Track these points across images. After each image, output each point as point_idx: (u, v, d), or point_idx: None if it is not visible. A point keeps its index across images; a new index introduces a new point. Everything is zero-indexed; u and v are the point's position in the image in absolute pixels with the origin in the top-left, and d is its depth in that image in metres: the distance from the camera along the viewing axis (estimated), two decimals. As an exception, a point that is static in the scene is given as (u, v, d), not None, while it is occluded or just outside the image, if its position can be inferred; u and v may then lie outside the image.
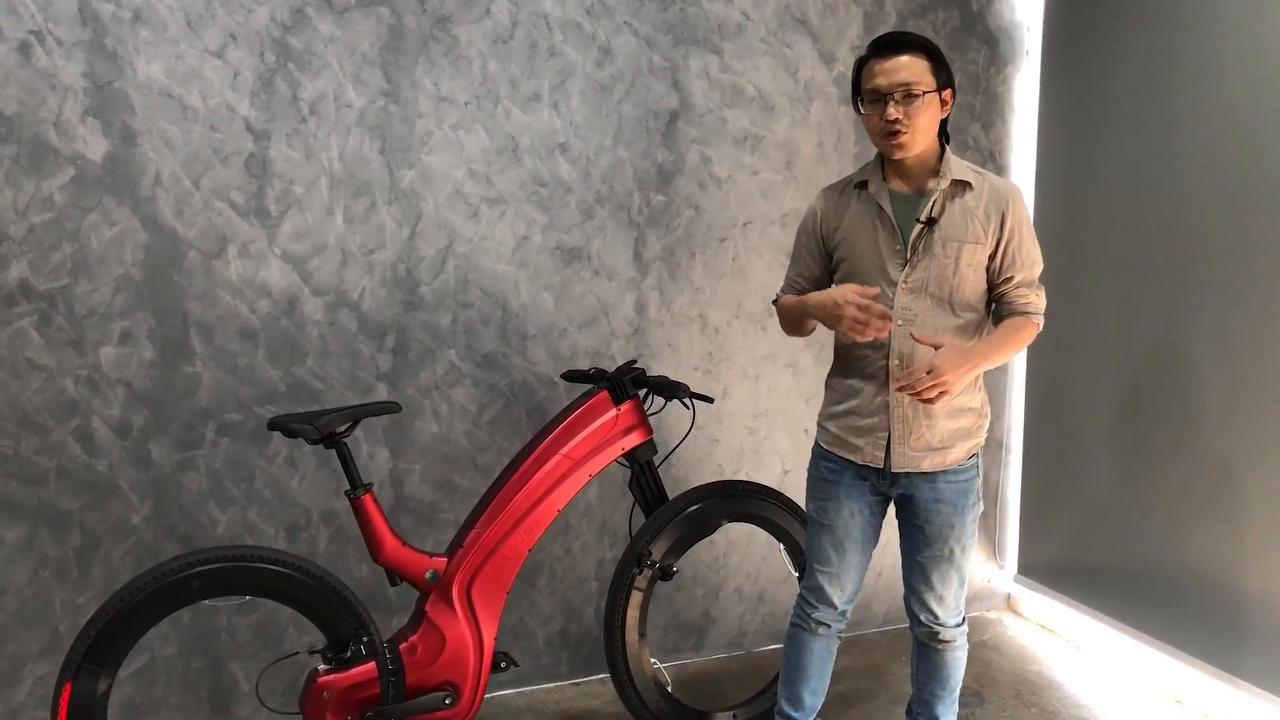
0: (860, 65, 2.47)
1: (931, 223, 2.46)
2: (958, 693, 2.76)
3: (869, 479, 2.59)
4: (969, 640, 2.83)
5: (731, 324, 3.62)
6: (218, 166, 2.93)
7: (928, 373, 2.32)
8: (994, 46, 3.91)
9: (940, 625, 2.64)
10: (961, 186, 2.47)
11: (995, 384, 4.08)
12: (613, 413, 2.90)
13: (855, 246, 2.55)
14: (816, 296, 2.50)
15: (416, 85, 3.11)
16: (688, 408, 3.06)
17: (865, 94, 2.45)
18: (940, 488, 2.54)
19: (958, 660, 2.71)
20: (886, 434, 2.53)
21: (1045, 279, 2.44)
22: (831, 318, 2.42)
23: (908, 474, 2.54)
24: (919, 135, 2.40)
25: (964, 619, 2.69)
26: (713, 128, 3.50)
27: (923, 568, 2.60)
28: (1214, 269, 3.22)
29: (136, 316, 2.89)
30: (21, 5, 2.69)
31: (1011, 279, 2.50)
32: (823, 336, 3.75)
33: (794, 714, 2.78)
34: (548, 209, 3.31)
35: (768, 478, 3.75)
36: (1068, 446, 3.88)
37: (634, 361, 3.10)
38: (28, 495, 2.84)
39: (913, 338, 2.41)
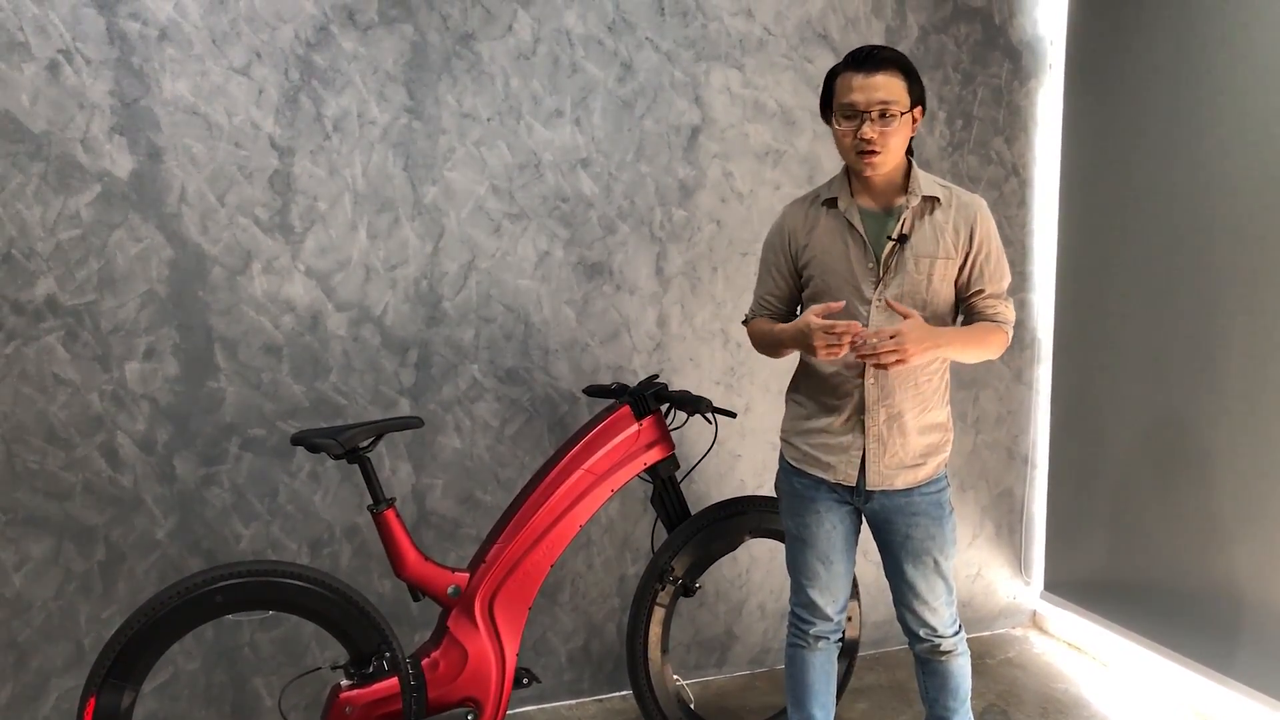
0: (833, 76, 2.42)
1: (904, 239, 2.44)
2: (969, 701, 2.73)
3: (841, 494, 2.58)
4: (994, 658, 2.80)
5: (754, 339, 3.61)
6: (242, 183, 2.95)
7: (891, 338, 2.27)
8: (1017, 60, 3.90)
9: (940, 637, 2.62)
10: (931, 202, 2.46)
11: (1019, 399, 4.05)
12: (635, 428, 2.89)
13: (826, 264, 2.51)
14: (788, 329, 2.47)
15: (439, 102, 3.12)
16: (710, 423, 3.05)
17: (839, 108, 2.40)
18: (915, 501, 2.54)
19: (963, 668, 2.68)
20: (861, 453, 2.51)
21: (1070, 293, 2.44)
22: (805, 347, 2.40)
23: (883, 491, 2.53)
24: (891, 155, 2.37)
25: (960, 626, 2.67)
26: (734, 143, 3.50)
27: (911, 583, 2.58)
28: (1242, 281, 3.19)
29: (161, 332, 2.91)
30: (50, 25, 2.73)
31: (981, 291, 2.49)
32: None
33: None
34: (570, 224, 3.32)
35: (790, 493, 3.73)
36: (1094, 461, 3.85)
37: (656, 376, 3.09)
38: (53, 510, 2.85)
39: (887, 304, 2.38)
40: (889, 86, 2.33)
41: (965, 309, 2.54)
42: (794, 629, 2.72)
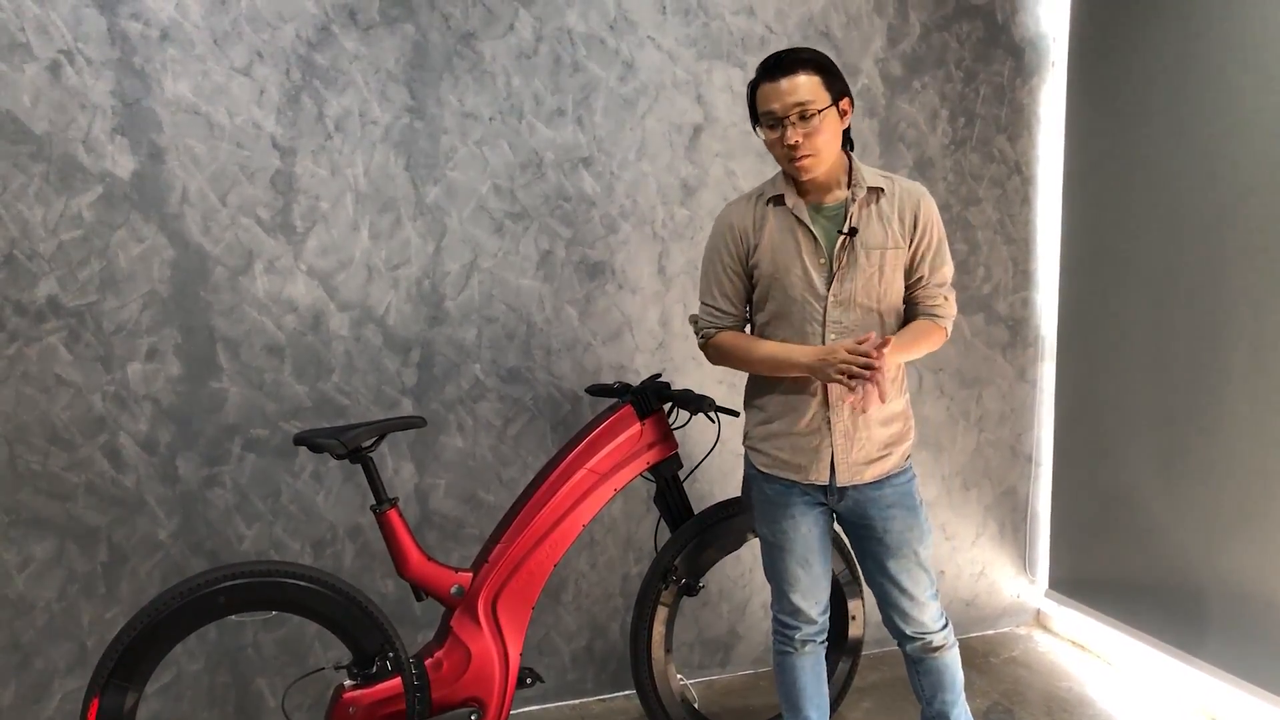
0: (753, 88, 2.42)
1: (853, 233, 2.43)
2: (964, 691, 2.73)
3: (813, 494, 2.57)
4: (998, 656, 2.79)
5: (756, 338, 3.61)
6: (244, 183, 2.95)
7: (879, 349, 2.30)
8: (1019, 58, 3.89)
9: (929, 633, 2.61)
10: (875, 193, 2.47)
11: (1022, 397, 4.05)
12: (637, 427, 2.89)
13: (778, 262, 2.49)
14: (808, 351, 2.42)
15: (441, 101, 3.12)
16: (713, 421, 3.05)
17: (762, 118, 2.41)
18: (887, 494, 2.54)
19: (955, 660, 2.68)
20: (830, 450, 2.51)
21: (1074, 290, 2.42)
22: (824, 373, 2.37)
23: (854, 486, 2.53)
24: (823, 153, 2.37)
25: (946, 620, 2.66)
26: (736, 141, 3.50)
27: (895, 579, 2.57)
28: (1246, 278, 3.18)
29: (164, 332, 2.91)
30: (52, 25, 2.72)
31: (921, 279, 2.50)
32: (848, 350, 3.73)
33: None
34: (572, 223, 3.31)
35: (794, 492, 3.72)
36: (1099, 459, 3.84)
37: (658, 375, 3.09)
38: (56, 511, 2.85)
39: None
40: (803, 88, 2.33)
41: (907, 300, 2.53)
42: (779, 636, 2.71)
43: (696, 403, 2.90)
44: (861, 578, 3.16)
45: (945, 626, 2.65)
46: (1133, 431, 3.66)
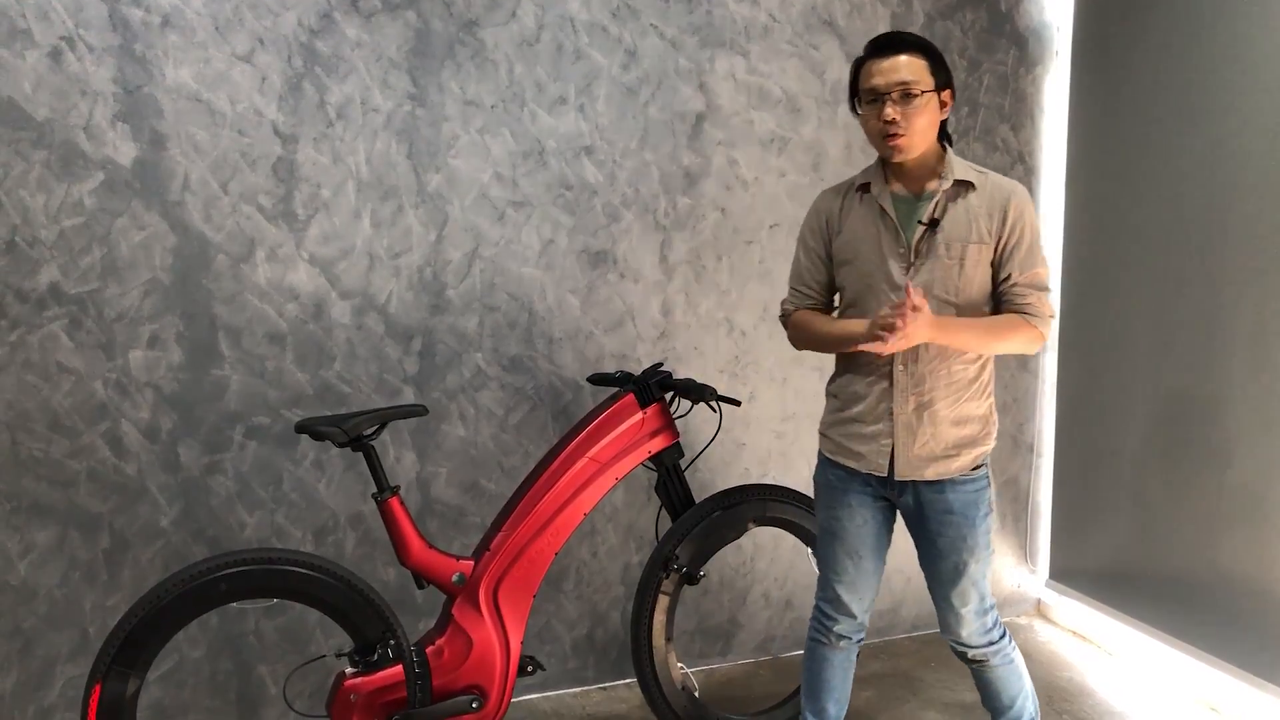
0: (858, 66, 2.43)
1: (934, 224, 2.42)
2: (1025, 709, 2.68)
3: (875, 486, 2.56)
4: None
5: (758, 327, 3.60)
6: (246, 170, 2.94)
7: (911, 309, 2.24)
8: (1023, 47, 3.88)
9: (965, 645, 2.59)
10: (964, 187, 2.43)
11: (1024, 386, 4.04)
12: (639, 416, 2.89)
13: (859, 250, 2.51)
14: (861, 324, 2.41)
15: (443, 89, 3.11)
16: (715, 410, 3.04)
17: (862, 94, 2.41)
18: (949, 498, 2.49)
19: (1002, 679, 2.63)
20: (890, 441, 2.49)
21: (1077, 280, 2.41)
22: (869, 334, 2.33)
23: (914, 482, 2.50)
24: (917, 136, 2.36)
25: (996, 638, 2.60)
26: (739, 130, 3.49)
27: (940, 585, 2.56)
28: (1250, 268, 3.17)
29: (165, 320, 2.91)
30: (53, 11, 2.72)
31: (1009, 277, 2.43)
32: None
33: (815, 719, 2.76)
34: (574, 212, 3.31)
35: (795, 481, 3.72)
36: (1100, 450, 3.84)
37: (660, 364, 3.08)
38: (58, 498, 2.86)
39: (907, 290, 2.29)
40: (910, 67, 2.33)
41: (997, 297, 2.48)
42: (816, 624, 2.70)
43: (698, 392, 2.90)
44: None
45: (989, 645, 2.58)
46: (1134, 422, 3.66)
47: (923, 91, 2.33)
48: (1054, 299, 2.45)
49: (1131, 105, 3.62)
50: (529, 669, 2.82)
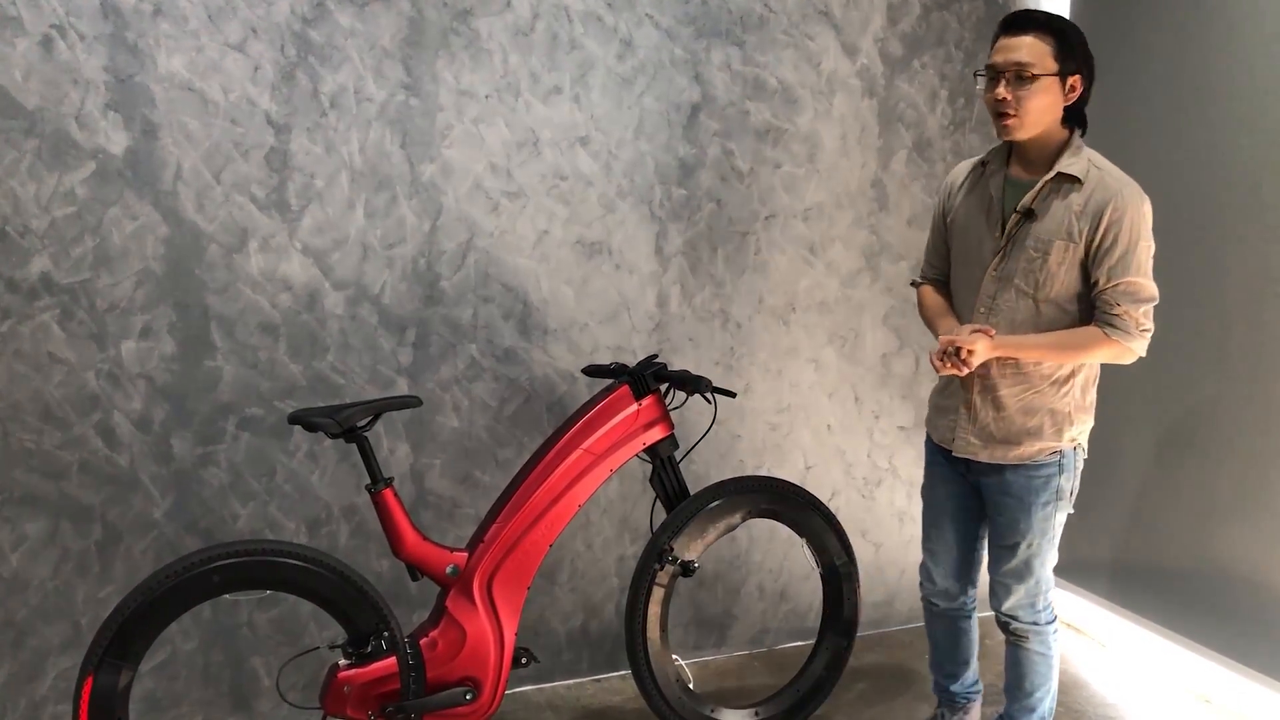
0: (995, 37, 2.43)
1: (1030, 214, 2.41)
2: (1040, 706, 2.74)
3: (955, 463, 2.66)
4: (993, 638, 2.82)
5: (753, 319, 3.60)
6: (238, 160, 2.92)
7: (957, 351, 2.38)
8: (1019, 38, 3.86)
9: (1009, 617, 2.69)
10: (1069, 181, 2.39)
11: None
12: (634, 407, 2.88)
13: (963, 227, 2.58)
14: (943, 327, 2.60)
15: (437, 78, 3.09)
16: (709, 402, 3.04)
17: (986, 69, 2.41)
18: (1007, 480, 2.55)
19: (1032, 663, 2.70)
20: (956, 417, 2.59)
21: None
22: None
23: (977, 462, 2.59)
24: (1029, 119, 2.34)
25: (1044, 621, 2.67)
26: (734, 121, 3.47)
27: (995, 561, 2.67)
28: (1246, 264, 3.17)
29: (158, 310, 2.89)
30: (43, -1, 2.69)
31: (1097, 283, 2.39)
32: (844, 332, 3.72)
33: (939, 679, 3.02)
34: (568, 203, 3.29)
35: (790, 474, 3.72)
36: (1096, 443, 3.83)
37: (655, 356, 3.07)
38: (49, 489, 2.84)
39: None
40: (1032, 48, 2.32)
41: (1092, 302, 2.44)
42: (920, 587, 2.95)
43: (693, 383, 2.89)
44: (856, 560, 3.17)
45: (1033, 623, 2.66)
46: (1129, 415, 3.65)
47: (1039, 75, 2.30)
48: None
49: (1127, 98, 3.61)
50: (523, 661, 2.82)
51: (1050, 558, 2.64)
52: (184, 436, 2.96)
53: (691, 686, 3.07)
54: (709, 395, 2.93)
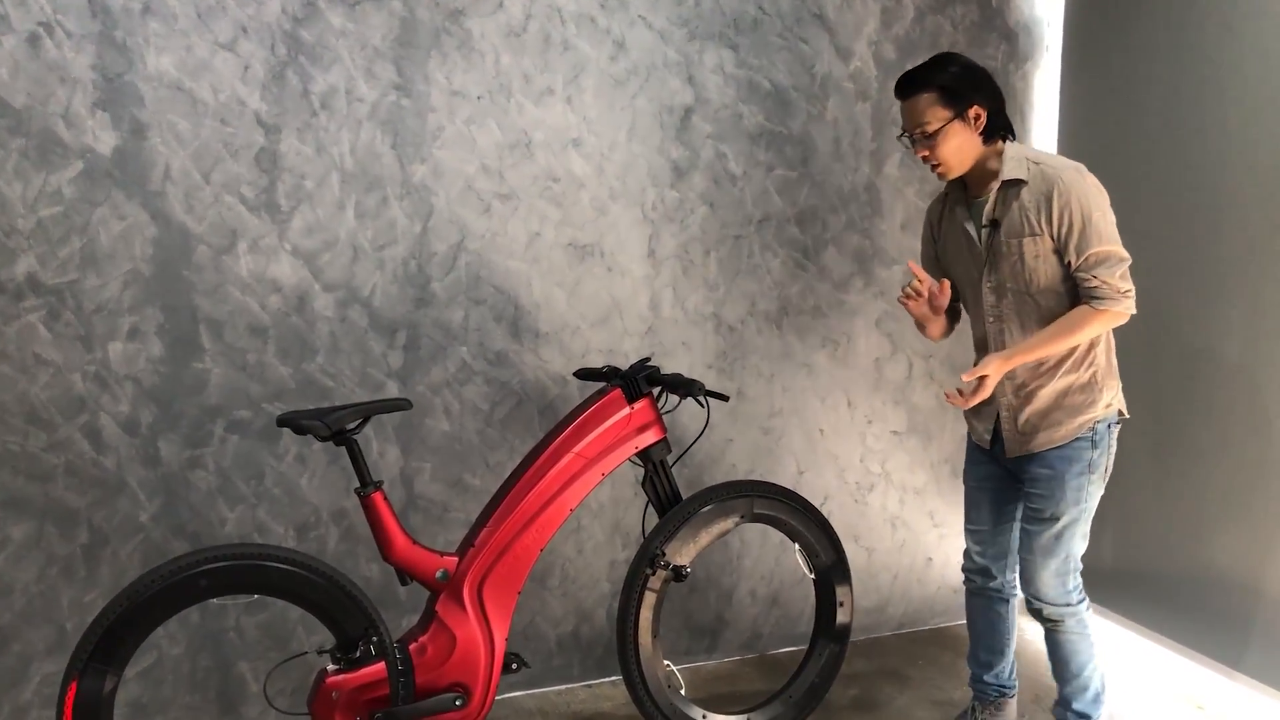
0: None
1: (995, 224, 2.58)
2: (1092, 683, 2.81)
3: (987, 451, 2.81)
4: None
5: (746, 322, 3.58)
6: (228, 160, 2.90)
7: (980, 381, 2.53)
8: (1013, 42, 3.86)
9: (1040, 602, 2.74)
10: (1015, 184, 2.55)
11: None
12: (626, 411, 2.86)
13: (953, 255, 2.75)
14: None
15: (428, 79, 3.07)
16: (702, 405, 3.02)
17: (902, 130, 2.63)
18: (1046, 454, 2.66)
19: (1073, 645, 2.77)
20: (994, 419, 2.73)
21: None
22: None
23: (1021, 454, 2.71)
24: (952, 161, 2.55)
25: (1075, 601, 2.72)
26: (728, 123, 3.46)
27: (1026, 535, 2.72)
28: (1243, 269, 3.16)
29: (145, 312, 2.87)
30: (30, -3, 2.67)
31: (1071, 263, 2.53)
32: (837, 336, 3.71)
33: (973, 669, 3.06)
34: (560, 205, 3.27)
35: (782, 478, 3.70)
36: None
37: (648, 359, 3.05)
38: (35, 492, 2.81)
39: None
40: (919, 108, 2.53)
41: (1074, 284, 2.58)
42: (962, 567, 3.05)
43: (686, 387, 2.87)
44: (849, 565, 3.15)
45: (1066, 605, 2.72)
46: (1125, 421, 3.64)
47: (939, 126, 2.51)
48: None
49: (1122, 100, 3.61)
50: (513, 666, 2.79)
51: (1080, 536, 2.69)
52: (171, 439, 2.93)
53: (683, 692, 3.04)
54: (702, 399, 2.91)
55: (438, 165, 3.11)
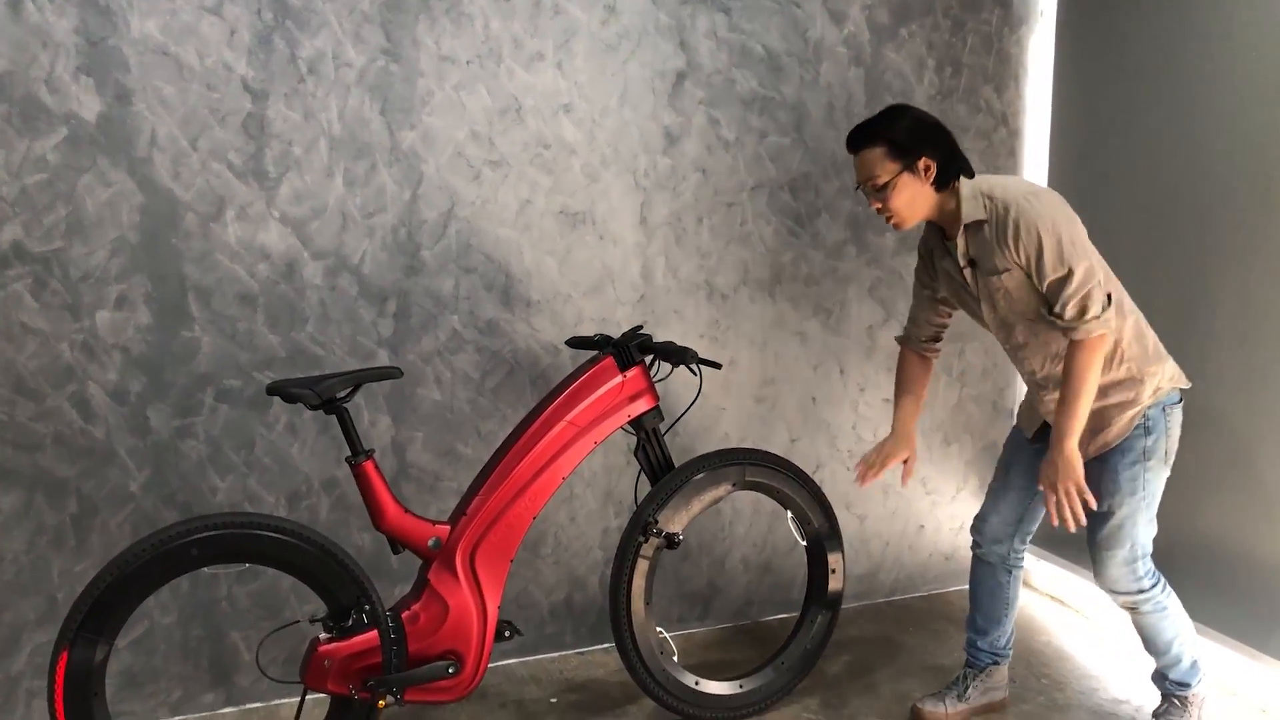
0: None
1: (973, 263, 2.62)
2: (1184, 656, 2.83)
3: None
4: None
5: (739, 290, 3.56)
6: (215, 127, 2.86)
7: (1065, 495, 2.53)
8: (1007, 7, 3.82)
9: (1114, 593, 2.76)
10: (977, 224, 2.57)
11: (1003, 352, 4.02)
12: (619, 379, 2.85)
13: (949, 292, 2.80)
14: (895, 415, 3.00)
15: (417, 44, 3.03)
16: (695, 373, 3.01)
17: (856, 184, 2.66)
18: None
19: (1154, 625, 2.78)
20: (1040, 423, 2.81)
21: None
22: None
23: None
24: (905, 213, 2.58)
25: (1148, 586, 2.72)
26: (720, 89, 3.43)
27: (1091, 531, 2.74)
28: (1235, 236, 3.15)
29: (133, 280, 2.84)
30: (11, -41, 2.62)
31: (1043, 295, 2.55)
32: (829, 304, 3.70)
33: (969, 634, 3.08)
34: (551, 172, 3.25)
35: (775, 446, 3.70)
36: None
37: (640, 327, 3.04)
38: (24, 462, 2.79)
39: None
40: (869, 162, 2.56)
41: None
42: (971, 530, 3.08)
43: (679, 355, 2.86)
44: (841, 532, 3.15)
45: (1138, 593, 2.72)
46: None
47: (889, 179, 2.54)
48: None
49: (1116, 67, 3.58)
50: (506, 634, 2.79)
51: (1145, 522, 2.69)
52: (161, 408, 2.91)
53: (676, 659, 3.05)
54: (694, 367, 2.90)
55: (427, 131, 3.08)
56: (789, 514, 3.11)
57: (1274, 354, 3.04)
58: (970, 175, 2.61)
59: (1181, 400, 2.71)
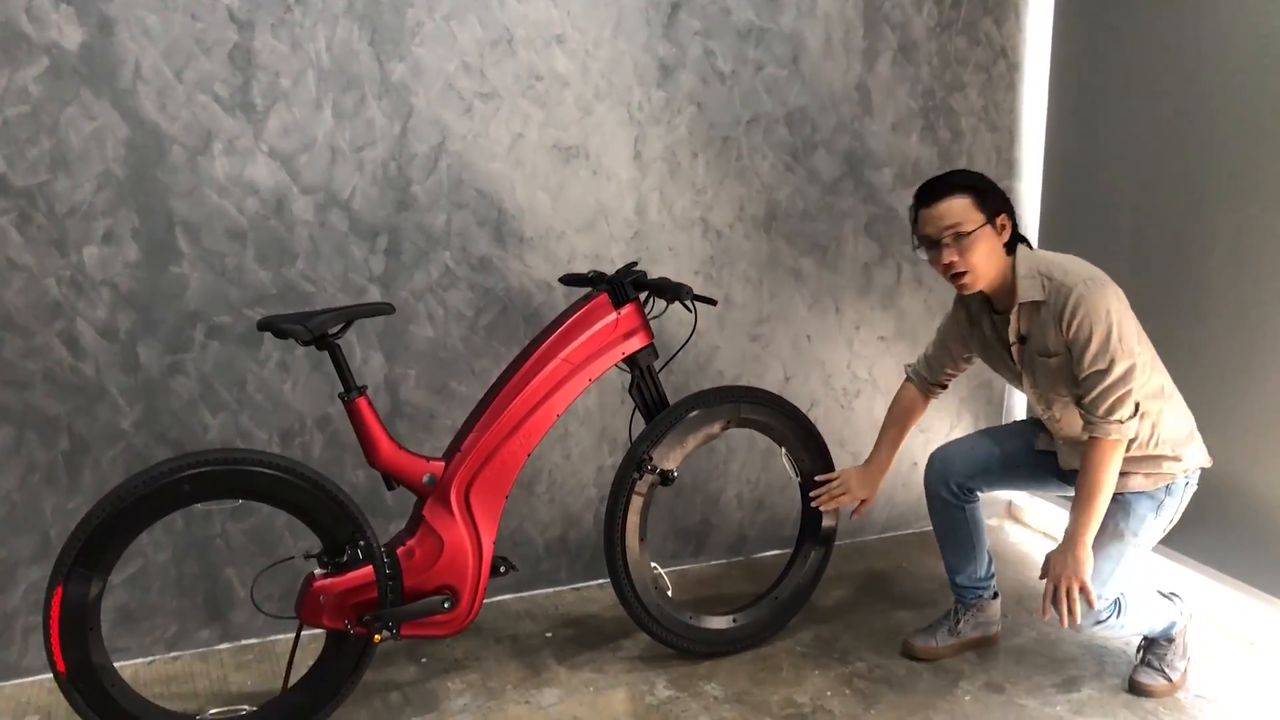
0: (914, 212, 2.59)
1: (1023, 340, 2.61)
2: (1153, 627, 2.80)
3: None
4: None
5: (734, 227, 3.53)
6: (200, 58, 2.80)
7: (1066, 593, 2.52)
8: (1009, -62, 3.75)
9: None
10: (1035, 305, 2.54)
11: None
12: (613, 316, 2.83)
13: (990, 359, 2.80)
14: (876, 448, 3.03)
15: (406, -28, 2.96)
16: (690, 310, 2.98)
17: (921, 240, 2.58)
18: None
19: (1126, 632, 2.76)
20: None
21: (1057, 180, 2.40)
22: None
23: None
24: (980, 270, 2.52)
25: (1105, 617, 2.64)
26: (715, 19, 3.36)
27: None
28: (1233, 170, 3.12)
29: (120, 215, 2.79)
30: (-14, -118, 2.54)
31: (1076, 378, 2.53)
32: (825, 241, 3.67)
33: (949, 575, 3.09)
34: (544, 104, 3.19)
35: (769, 384, 3.69)
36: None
37: (634, 264, 3.01)
38: (13, 399, 2.77)
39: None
40: (954, 210, 2.49)
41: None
42: (925, 473, 3.07)
43: (673, 291, 2.83)
44: (835, 469, 3.15)
45: (1095, 623, 2.65)
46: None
47: (972, 230, 2.48)
48: (1032, 198, 2.55)
49: (1115, 36, 3.51)
50: (501, 570, 2.80)
51: (1124, 570, 2.64)
52: (151, 345, 2.89)
53: (670, 594, 3.07)
54: (689, 303, 2.87)
55: (417, 63, 3.02)
56: (783, 451, 3.10)
57: (1269, 289, 3.03)
58: (1029, 246, 2.61)
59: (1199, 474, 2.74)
